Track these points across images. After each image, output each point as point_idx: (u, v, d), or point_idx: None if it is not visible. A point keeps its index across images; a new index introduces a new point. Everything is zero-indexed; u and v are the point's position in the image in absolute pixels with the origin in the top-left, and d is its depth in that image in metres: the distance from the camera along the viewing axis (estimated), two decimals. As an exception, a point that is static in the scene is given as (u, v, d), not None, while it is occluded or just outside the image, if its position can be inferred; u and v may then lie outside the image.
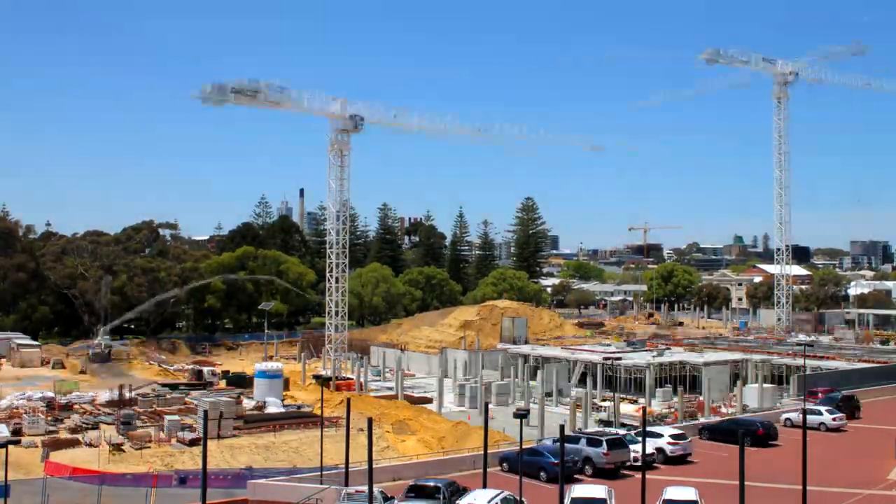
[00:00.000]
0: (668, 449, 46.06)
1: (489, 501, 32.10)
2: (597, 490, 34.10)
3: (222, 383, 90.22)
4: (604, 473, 42.42)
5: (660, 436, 46.77)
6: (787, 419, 55.99)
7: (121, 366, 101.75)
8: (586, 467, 43.24)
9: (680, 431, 48.97)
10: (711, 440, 51.40)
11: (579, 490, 34.16)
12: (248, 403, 74.84)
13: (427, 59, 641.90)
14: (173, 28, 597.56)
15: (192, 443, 59.29)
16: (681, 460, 45.83)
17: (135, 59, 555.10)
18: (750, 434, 48.16)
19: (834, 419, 55.04)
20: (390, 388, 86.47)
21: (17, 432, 60.77)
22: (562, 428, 32.73)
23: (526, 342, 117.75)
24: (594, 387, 75.76)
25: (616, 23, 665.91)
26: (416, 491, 35.40)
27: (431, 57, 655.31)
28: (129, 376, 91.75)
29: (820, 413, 54.79)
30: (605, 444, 43.75)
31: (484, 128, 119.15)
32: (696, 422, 57.51)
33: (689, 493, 33.88)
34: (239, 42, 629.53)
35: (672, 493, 33.91)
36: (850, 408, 59.09)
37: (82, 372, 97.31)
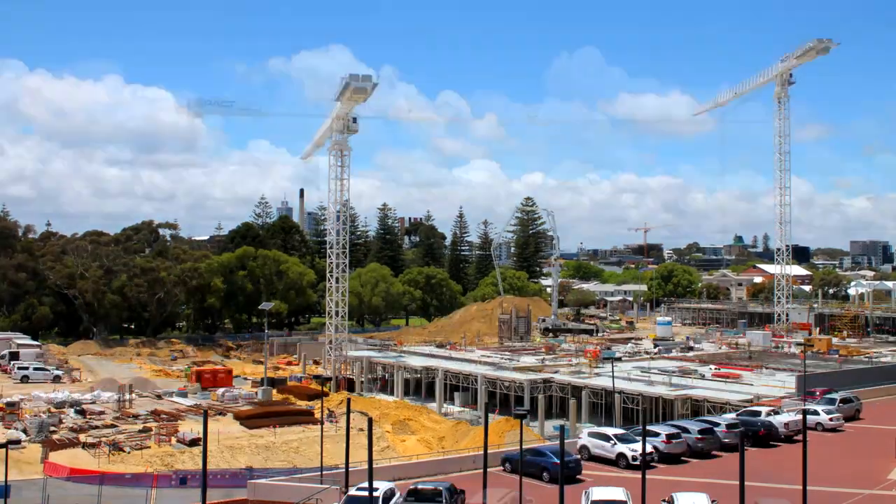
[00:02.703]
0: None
1: (499, 501, 32.11)
2: (616, 492, 33.97)
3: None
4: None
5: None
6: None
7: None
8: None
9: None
10: None
11: (598, 493, 34.07)
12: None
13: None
14: (175, 26, 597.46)
15: (192, 443, 59.32)
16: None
17: (135, 58, 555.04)
18: (751, 434, 48.20)
19: (831, 419, 54.98)
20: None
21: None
22: (562, 429, 32.74)
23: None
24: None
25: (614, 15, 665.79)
26: (416, 495, 35.20)
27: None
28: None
29: (817, 413, 54.74)
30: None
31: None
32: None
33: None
34: (239, 33, 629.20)
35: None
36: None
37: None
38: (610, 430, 47.07)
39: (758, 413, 53.14)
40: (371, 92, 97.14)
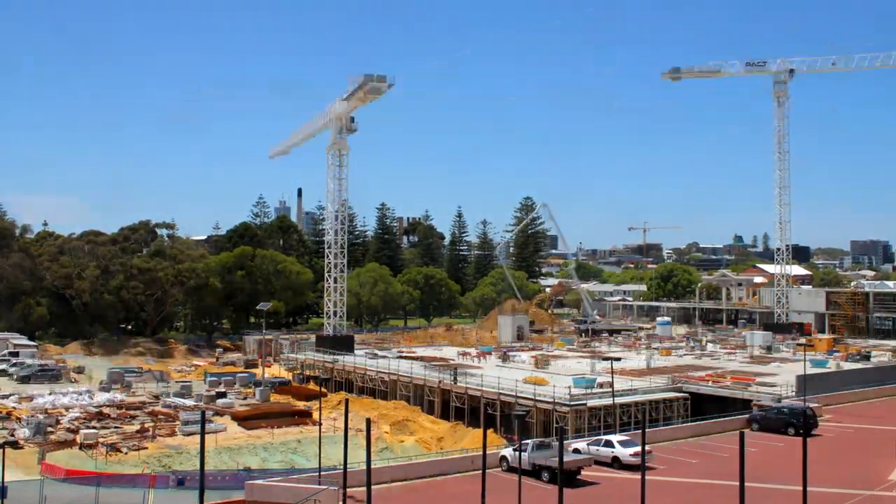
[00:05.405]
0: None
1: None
2: None
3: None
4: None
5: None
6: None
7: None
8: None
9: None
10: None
11: None
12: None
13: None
14: (171, 27, 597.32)
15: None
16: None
17: (133, 58, 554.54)
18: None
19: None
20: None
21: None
22: (561, 430, 32.45)
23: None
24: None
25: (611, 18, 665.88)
26: None
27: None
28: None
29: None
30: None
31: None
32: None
33: None
34: (236, 32, 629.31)
35: None
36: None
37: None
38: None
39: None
40: (385, 92, 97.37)
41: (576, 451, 45.61)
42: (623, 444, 45.52)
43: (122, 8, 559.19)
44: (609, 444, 46.11)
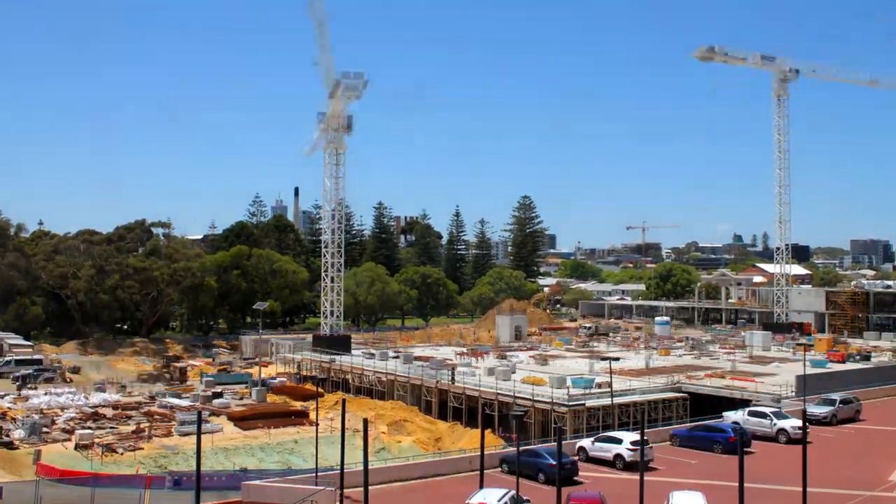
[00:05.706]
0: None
1: (499, 500, 31.53)
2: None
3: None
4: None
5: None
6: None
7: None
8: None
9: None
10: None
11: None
12: None
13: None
14: (169, 27, 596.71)
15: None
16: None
17: (129, 57, 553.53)
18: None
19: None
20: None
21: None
22: (559, 431, 32.21)
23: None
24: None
25: (611, 15, 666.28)
26: None
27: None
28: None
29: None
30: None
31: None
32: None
33: (698, 499, 31.94)
34: (233, 28, 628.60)
35: (679, 498, 32.05)
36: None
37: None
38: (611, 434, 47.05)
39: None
40: (363, 89, 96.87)
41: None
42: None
43: (120, 7, 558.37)
44: (616, 440, 45.19)
